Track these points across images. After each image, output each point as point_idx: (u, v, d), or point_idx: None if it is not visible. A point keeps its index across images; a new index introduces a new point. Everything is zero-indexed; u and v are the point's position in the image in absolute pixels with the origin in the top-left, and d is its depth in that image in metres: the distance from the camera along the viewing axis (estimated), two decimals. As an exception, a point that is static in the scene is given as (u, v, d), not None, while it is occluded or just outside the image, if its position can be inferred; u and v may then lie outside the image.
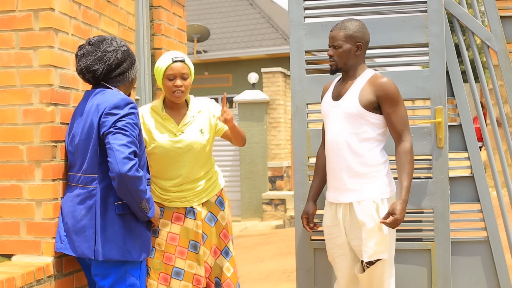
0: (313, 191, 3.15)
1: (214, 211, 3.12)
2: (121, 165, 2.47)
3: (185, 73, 2.95)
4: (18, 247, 2.74)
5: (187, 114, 3.03)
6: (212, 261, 3.08)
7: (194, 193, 3.06)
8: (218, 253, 3.11)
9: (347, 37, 2.90)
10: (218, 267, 3.11)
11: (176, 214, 3.05)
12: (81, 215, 2.59)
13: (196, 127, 3.03)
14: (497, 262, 3.36)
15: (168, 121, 3.01)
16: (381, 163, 2.89)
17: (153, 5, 3.76)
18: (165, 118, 3.01)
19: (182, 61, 2.95)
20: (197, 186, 3.06)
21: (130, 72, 2.75)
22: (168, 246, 3.02)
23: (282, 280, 5.67)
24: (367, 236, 2.83)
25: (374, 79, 2.89)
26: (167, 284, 3.00)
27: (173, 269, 3.01)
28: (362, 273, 2.93)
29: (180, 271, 3.02)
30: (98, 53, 2.63)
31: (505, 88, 3.44)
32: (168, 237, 3.02)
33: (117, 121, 2.54)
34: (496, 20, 3.41)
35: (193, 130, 3.02)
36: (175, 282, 3.01)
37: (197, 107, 3.07)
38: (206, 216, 3.09)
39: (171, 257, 3.01)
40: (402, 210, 2.77)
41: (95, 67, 2.63)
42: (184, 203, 3.06)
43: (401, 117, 2.87)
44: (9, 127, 2.74)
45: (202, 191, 3.08)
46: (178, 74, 2.94)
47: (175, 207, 3.05)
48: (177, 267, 3.01)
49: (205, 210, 3.09)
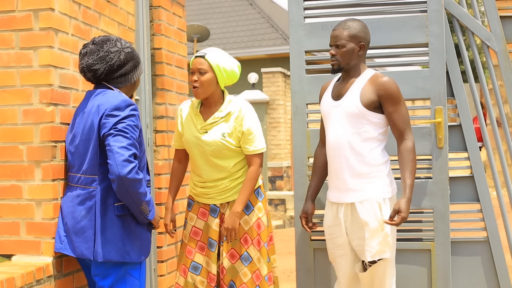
0: (312, 190, 3.15)
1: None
2: (120, 168, 2.46)
3: (201, 68, 2.95)
4: (18, 247, 2.73)
5: (216, 114, 3.01)
6: (228, 264, 3.02)
7: (217, 191, 3.05)
8: (236, 257, 3.03)
9: (351, 36, 2.90)
10: (234, 271, 3.02)
11: (202, 209, 3.09)
12: (80, 216, 2.59)
13: (219, 130, 2.99)
14: (497, 262, 3.37)
15: (197, 118, 3.04)
16: (382, 163, 2.89)
17: (153, 5, 3.76)
18: (196, 114, 3.05)
19: (201, 56, 2.97)
20: (220, 184, 3.04)
21: (133, 74, 2.74)
22: (191, 240, 3.08)
23: (282, 280, 5.67)
24: (370, 235, 2.83)
25: (375, 79, 2.89)
26: (185, 276, 3.05)
27: (191, 263, 3.05)
28: (363, 272, 2.93)
29: (198, 266, 3.05)
30: (100, 53, 2.63)
31: (505, 88, 3.44)
32: (191, 231, 3.09)
33: (117, 123, 2.54)
34: (496, 20, 3.41)
35: (215, 132, 2.99)
36: (192, 276, 3.05)
37: (228, 109, 3.02)
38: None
39: (192, 251, 3.07)
40: (407, 208, 2.77)
41: (96, 67, 2.63)
42: (208, 200, 3.07)
43: (402, 116, 2.87)
44: (9, 127, 2.74)
45: (225, 190, 3.05)
46: (195, 69, 2.97)
47: (202, 202, 3.09)
48: (196, 261, 3.05)
49: (229, 211, 3.04)
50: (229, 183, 3.05)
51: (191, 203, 3.14)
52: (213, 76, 2.96)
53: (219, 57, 2.99)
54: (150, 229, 2.78)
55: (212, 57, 2.96)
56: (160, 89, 3.78)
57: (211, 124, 3.01)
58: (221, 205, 3.07)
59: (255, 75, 13.39)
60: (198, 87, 2.96)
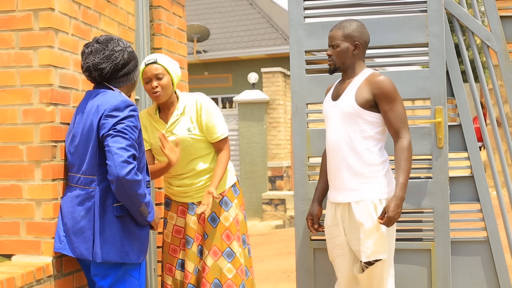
0: (318, 192, 3.15)
1: (217, 211, 3.12)
2: (119, 169, 2.46)
3: (159, 73, 2.98)
4: (18, 247, 2.73)
5: (173, 113, 3.07)
6: (211, 261, 3.07)
7: (195, 189, 3.10)
8: (218, 254, 3.09)
9: (345, 36, 2.91)
10: (217, 268, 3.07)
11: (180, 207, 3.16)
12: (80, 216, 2.59)
13: (183, 126, 3.06)
14: (497, 262, 3.36)
15: (159, 123, 3.09)
16: (379, 162, 2.89)
17: (153, 5, 3.76)
18: (157, 120, 3.10)
19: (153, 62, 2.99)
20: (197, 182, 3.10)
21: (134, 73, 2.75)
22: (174, 238, 3.15)
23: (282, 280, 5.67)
24: (365, 236, 2.83)
25: (371, 78, 2.90)
26: (172, 275, 3.13)
27: (178, 260, 3.14)
28: (361, 273, 2.93)
29: (183, 262, 3.13)
30: (106, 52, 2.63)
31: (505, 88, 3.44)
32: (173, 230, 3.17)
33: (116, 124, 2.53)
34: (496, 20, 3.41)
35: (180, 129, 3.05)
36: (179, 273, 3.13)
37: (183, 103, 3.08)
38: (209, 216, 3.10)
39: (176, 249, 3.15)
40: (395, 207, 2.76)
41: (103, 65, 2.63)
42: (185, 198, 3.13)
43: (398, 115, 2.87)
44: (9, 127, 2.74)
45: (203, 188, 3.10)
46: (152, 76, 2.99)
47: (180, 201, 3.14)
48: (181, 258, 3.13)
49: (208, 209, 3.06)
50: (207, 180, 3.10)
51: (169, 202, 3.21)
52: (169, 79, 3.02)
53: (167, 59, 3.05)
54: (149, 229, 2.78)
55: (164, 61, 3.01)
56: (160, 89, 3.77)
57: (173, 124, 3.06)
58: (198, 203, 3.11)
59: (255, 75, 13.39)
60: (160, 92, 2.99)
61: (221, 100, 15.44)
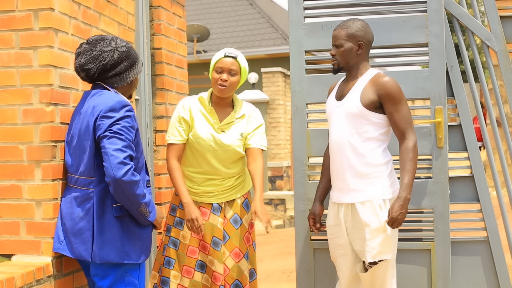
0: (320, 191, 3.15)
1: (240, 213, 3.11)
2: (116, 170, 2.45)
3: (233, 69, 2.99)
4: (18, 247, 2.73)
5: (232, 114, 3.06)
6: (232, 263, 3.03)
7: (221, 190, 3.06)
8: (240, 256, 3.06)
9: (349, 36, 2.90)
10: (239, 270, 3.04)
11: (202, 208, 3.06)
12: (79, 217, 2.59)
13: (237, 130, 3.05)
14: (497, 262, 3.36)
15: (212, 115, 3.04)
16: (383, 163, 2.89)
17: (153, 5, 3.76)
18: (210, 112, 3.04)
19: (234, 57, 3.00)
20: (225, 183, 3.07)
21: (129, 73, 2.70)
22: (192, 239, 3.05)
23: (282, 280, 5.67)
24: (370, 236, 2.83)
25: (376, 79, 2.89)
26: (191, 277, 3.03)
27: (197, 262, 3.05)
28: (364, 272, 2.93)
29: (203, 264, 3.05)
30: (93, 52, 2.61)
31: (505, 88, 3.44)
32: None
33: (112, 125, 2.52)
34: (496, 20, 3.41)
35: (234, 132, 3.04)
36: (198, 274, 3.04)
37: (242, 110, 3.09)
38: (231, 217, 3.08)
39: (195, 250, 3.05)
40: (399, 208, 2.76)
41: (88, 66, 2.61)
42: (210, 199, 3.07)
43: (403, 116, 2.87)
44: (9, 127, 2.74)
45: (229, 189, 3.08)
46: (226, 69, 2.99)
47: (202, 201, 3.07)
48: (201, 260, 3.05)
49: (232, 210, 3.08)
50: (235, 181, 3.08)
51: None
52: (239, 79, 3.03)
53: (245, 61, 3.06)
54: (151, 229, 2.77)
55: (242, 61, 3.03)
56: (160, 89, 3.78)
57: (227, 124, 3.04)
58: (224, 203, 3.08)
59: (255, 75, 13.39)
60: (226, 87, 2.98)
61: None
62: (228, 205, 3.09)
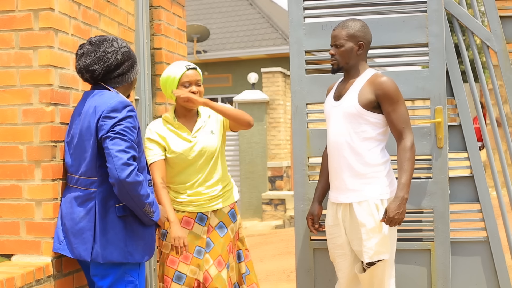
0: (319, 192, 3.15)
1: (225, 221, 3.11)
2: (120, 171, 2.46)
3: (198, 80, 3.07)
4: (18, 247, 2.74)
5: (198, 120, 3.10)
6: (215, 272, 3.01)
7: (207, 199, 3.06)
8: (222, 265, 3.05)
9: (349, 36, 2.90)
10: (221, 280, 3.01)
11: (186, 218, 3.05)
12: (79, 217, 2.59)
13: (207, 131, 3.09)
14: (497, 262, 3.37)
15: (182, 129, 3.07)
16: (381, 163, 2.89)
17: (153, 5, 3.76)
18: (179, 126, 3.08)
19: (194, 69, 3.07)
20: (212, 192, 3.07)
21: (130, 73, 2.73)
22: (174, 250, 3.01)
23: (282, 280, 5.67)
24: (367, 237, 2.83)
25: (374, 78, 2.89)
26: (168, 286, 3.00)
27: (175, 273, 3.01)
28: (362, 272, 2.93)
29: (182, 275, 3.01)
30: (97, 53, 2.62)
31: (505, 88, 3.44)
32: None
33: (115, 125, 2.52)
34: (496, 20, 3.41)
35: (204, 133, 3.08)
36: (176, 286, 3.00)
37: (206, 112, 3.15)
38: (217, 225, 3.09)
39: (175, 260, 3.02)
40: (396, 208, 2.76)
41: (93, 67, 2.62)
42: (195, 208, 3.05)
43: (401, 115, 2.87)
44: (9, 127, 2.74)
45: (215, 197, 3.08)
46: (194, 81, 3.04)
47: (187, 211, 3.05)
48: (180, 271, 3.01)
49: (217, 219, 3.09)
50: (220, 191, 3.09)
51: None
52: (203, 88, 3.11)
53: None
54: (155, 228, 2.77)
55: (199, 70, 3.11)
56: (160, 89, 3.78)
57: (199, 129, 3.08)
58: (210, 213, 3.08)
59: (255, 75, 13.39)
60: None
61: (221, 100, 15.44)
62: (213, 214, 3.09)
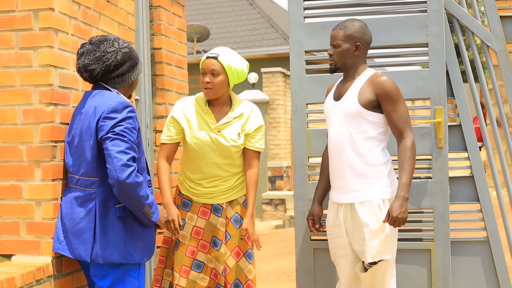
0: (319, 192, 3.15)
1: (241, 212, 3.10)
2: (119, 172, 2.45)
3: (214, 70, 2.93)
4: (18, 247, 2.74)
5: (228, 114, 3.02)
6: (233, 262, 3.05)
7: (222, 191, 3.05)
8: (240, 254, 3.07)
9: (346, 36, 2.91)
10: (239, 269, 3.06)
11: (202, 208, 3.06)
12: (79, 218, 2.59)
13: (234, 130, 3.02)
14: (497, 262, 3.36)
15: (208, 116, 3.01)
16: (382, 163, 2.89)
17: (153, 5, 3.76)
18: (206, 112, 3.01)
19: (214, 57, 2.94)
20: (225, 184, 3.05)
21: (131, 74, 2.71)
22: (192, 239, 3.05)
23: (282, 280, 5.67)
24: (370, 237, 2.83)
25: (374, 78, 2.89)
26: (187, 276, 3.02)
27: (194, 262, 3.04)
28: (364, 272, 2.93)
29: (200, 263, 3.05)
30: (97, 53, 2.61)
31: (505, 88, 3.44)
32: (193, 231, 3.05)
33: (115, 126, 2.52)
34: (496, 20, 3.41)
35: (231, 132, 3.01)
36: (194, 274, 3.03)
37: (240, 109, 3.05)
38: (232, 217, 3.08)
39: (194, 250, 3.04)
40: (398, 207, 2.76)
41: (92, 67, 2.61)
42: (210, 200, 3.06)
43: (401, 115, 2.87)
44: (9, 127, 2.74)
45: (229, 189, 3.07)
46: (208, 70, 2.95)
47: (202, 202, 3.06)
48: (198, 259, 3.04)
49: (232, 210, 3.08)
50: (235, 182, 3.07)
51: (189, 203, 3.09)
52: (225, 78, 2.96)
53: (231, 58, 2.97)
54: (154, 229, 2.77)
55: (225, 59, 2.94)
56: (160, 89, 3.78)
57: (224, 124, 3.01)
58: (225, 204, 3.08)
59: (255, 75, 13.39)
60: (210, 89, 2.95)
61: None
62: (229, 205, 3.09)
